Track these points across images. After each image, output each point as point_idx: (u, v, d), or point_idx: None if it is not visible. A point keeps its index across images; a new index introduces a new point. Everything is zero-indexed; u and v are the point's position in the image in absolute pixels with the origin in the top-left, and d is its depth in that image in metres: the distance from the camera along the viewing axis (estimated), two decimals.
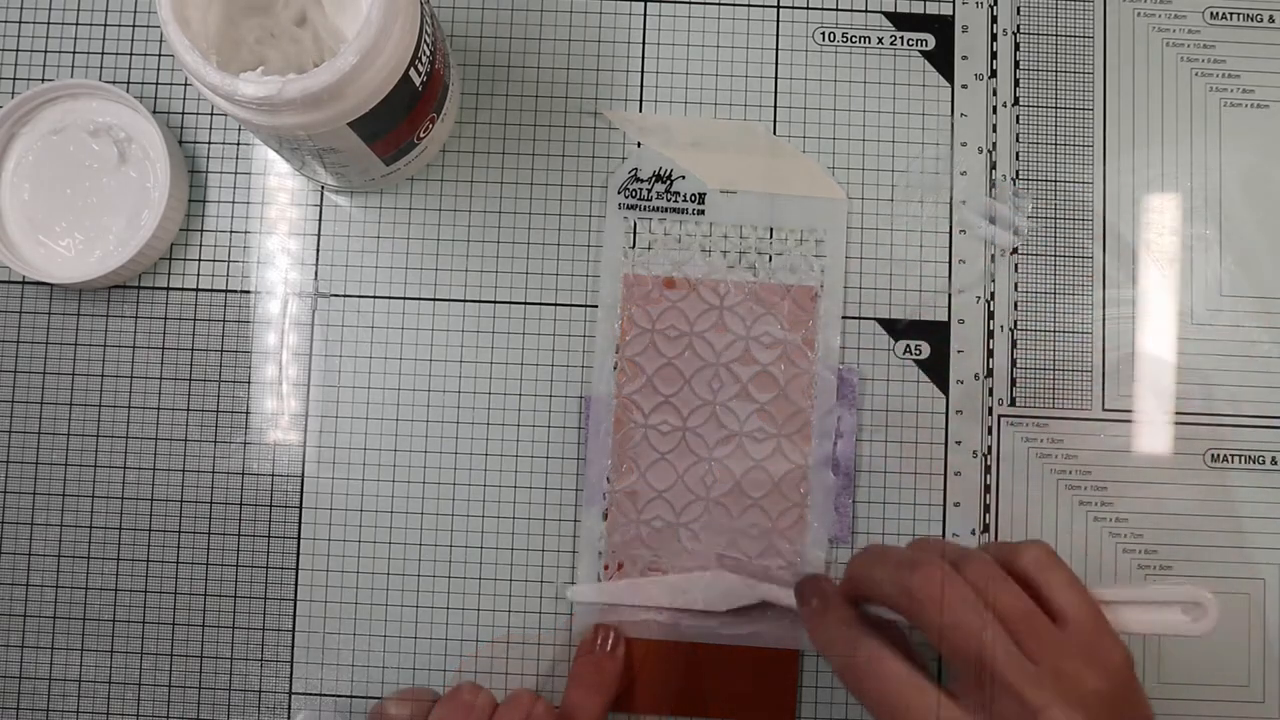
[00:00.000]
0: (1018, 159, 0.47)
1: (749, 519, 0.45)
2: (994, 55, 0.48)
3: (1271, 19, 0.48)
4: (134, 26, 0.47)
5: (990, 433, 0.46)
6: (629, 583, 0.44)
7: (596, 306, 0.46)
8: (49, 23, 0.47)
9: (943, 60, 0.47)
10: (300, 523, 0.46)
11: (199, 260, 0.47)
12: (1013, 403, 0.46)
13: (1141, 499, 0.46)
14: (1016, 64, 0.48)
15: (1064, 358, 0.46)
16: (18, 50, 0.47)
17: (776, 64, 0.47)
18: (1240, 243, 0.47)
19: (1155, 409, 0.46)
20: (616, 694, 0.43)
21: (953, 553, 0.36)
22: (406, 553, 0.45)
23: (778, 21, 0.48)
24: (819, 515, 0.45)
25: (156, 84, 0.47)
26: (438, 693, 0.40)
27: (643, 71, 0.47)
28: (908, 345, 0.46)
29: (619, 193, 0.46)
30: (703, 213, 0.46)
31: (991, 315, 0.46)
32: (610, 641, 0.43)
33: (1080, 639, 0.34)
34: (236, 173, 0.47)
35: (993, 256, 0.47)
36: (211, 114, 0.47)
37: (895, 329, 0.46)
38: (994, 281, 0.47)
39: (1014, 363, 0.46)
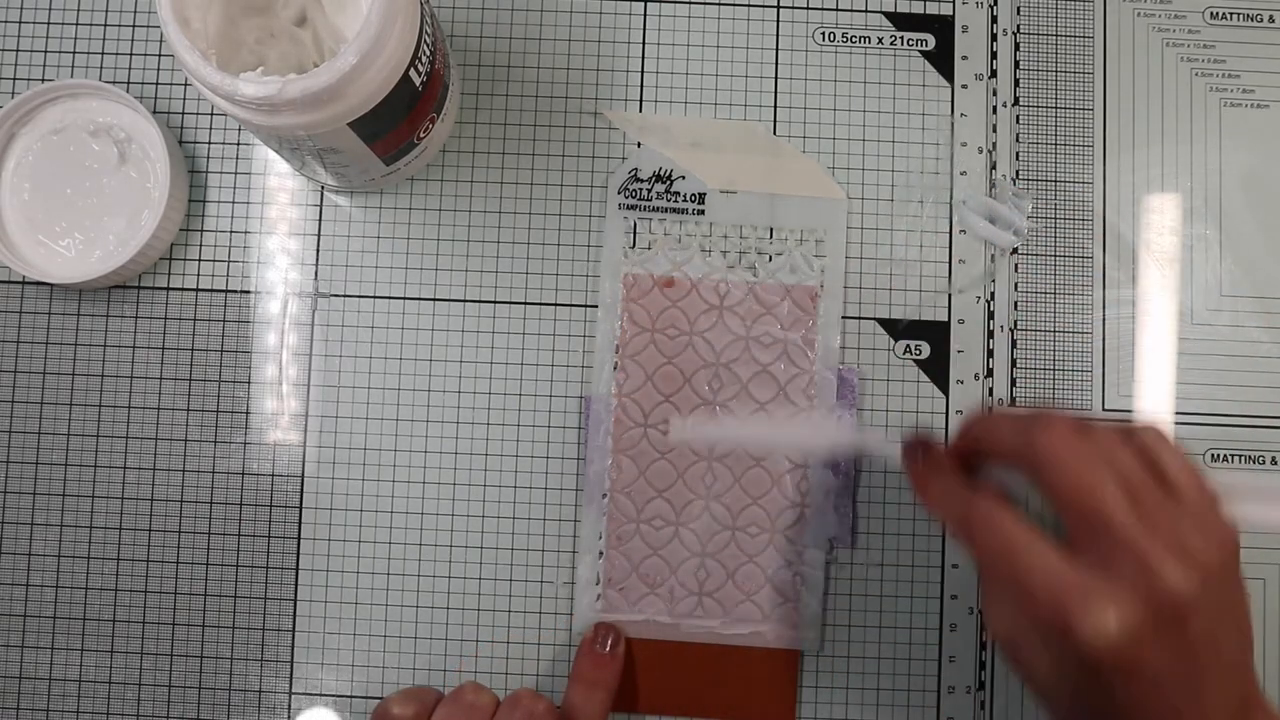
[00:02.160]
0: (1018, 159, 0.47)
1: (749, 519, 0.45)
2: (994, 55, 0.48)
3: (1271, 19, 0.48)
4: (134, 26, 0.47)
5: None
6: (726, 420, 0.45)
7: (596, 306, 0.46)
8: (49, 23, 0.47)
9: (943, 60, 0.47)
10: (300, 523, 0.46)
11: (199, 260, 0.47)
12: (1013, 403, 0.46)
13: None
14: (1016, 64, 0.48)
15: (1064, 358, 0.46)
16: (18, 50, 0.47)
17: (776, 64, 0.47)
18: (1240, 243, 0.47)
19: (1155, 409, 0.46)
20: (617, 692, 0.43)
21: (1075, 422, 0.36)
22: (406, 553, 0.45)
23: (778, 21, 0.48)
24: (819, 515, 0.45)
25: (156, 84, 0.47)
26: (441, 692, 0.40)
27: (643, 71, 0.47)
28: (908, 345, 0.46)
29: (619, 193, 0.46)
30: (703, 213, 0.46)
31: (991, 315, 0.46)
32: (610, 640, 0.43)
33: (1195, 511, 0.34)
34: (236, 173, 0.47)
35: (993, 256, 0.47)
36: (211, 114, 0.47)
37: (895, 329, 0.46)
38: (994, 281, 0.47)
39: (1014, 363, 0.46)
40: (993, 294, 0.46)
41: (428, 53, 0.39)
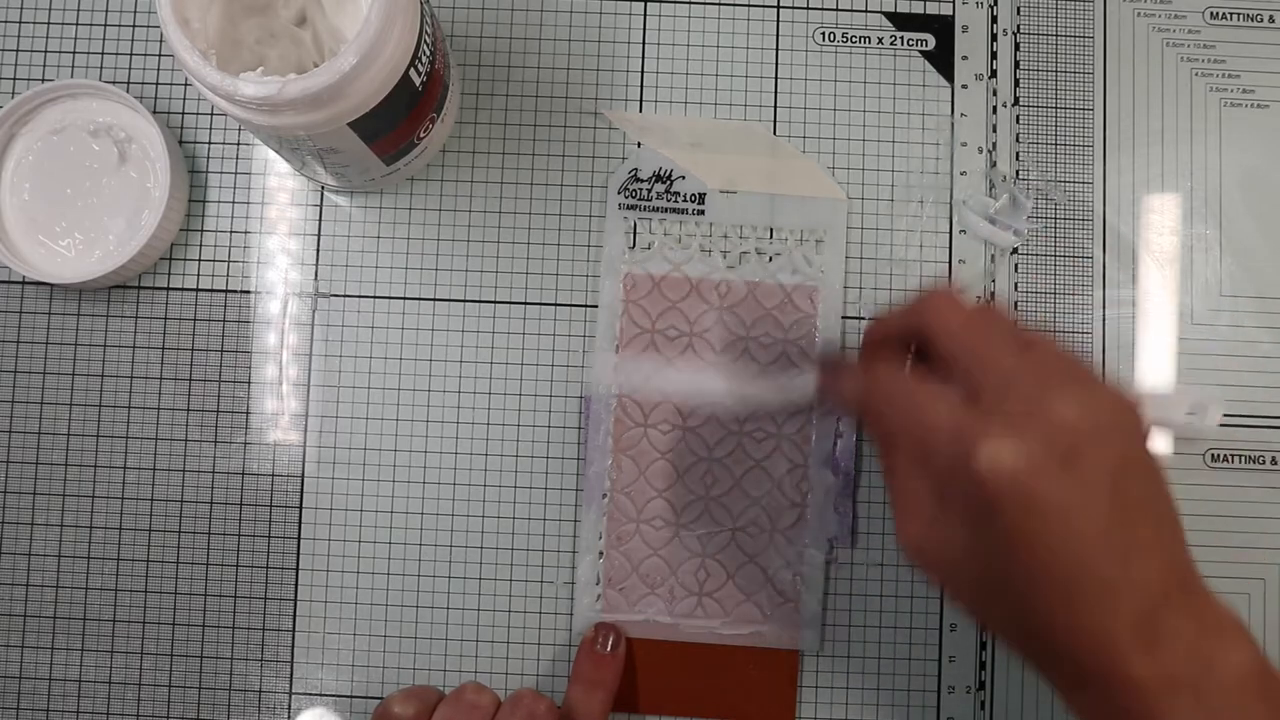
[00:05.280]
0: (1018, 159, 0.47)
1: (749, 519, 0.45)
2: (994, 55, 0.48)
3: (1271, 19, 0.48)
4: (134, 26, 0.47)
5: None
6: (640, 361, 0.45)
7: (596, 306, 0.46)
8: (49, 23, 0.47)
9: (943, 60, 0.47)
10: (300, 523, 0.46)
11: (199, 260, 0.47)
12: None
13: None
14: (1016, 64, 0.48)
15: None
16: (18, 50, 0.47)
17: (776, 64, 0.47)
18: (1240, 243, 0.47)
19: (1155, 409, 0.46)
20: (617, 692, 0.43)
21: (959, 293, 0.36)
22: (406, 553, 0.45)
23: (778, 21, 0.48)
24: (819, 515, 0.45)
25: (156, 84, 0.47)
26: (442, 692, 0.40)
27: (643, 71, 0.47)
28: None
29: (619, 193, 0.46)
30: (703, 213, 0.46)
31: None
32: (611, 640, 0.43)
33: (1084, 369, 0.34)
34: (236, 173, 0.47)
35: (993, 256, 0.47)
36: (211, 114, 0.47)
37: None
38: (994, 281, 0.47)
39: None
40: (993, 294, 0.46)
41: (428, 53, 0.39)
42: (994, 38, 0.48)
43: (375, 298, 0.46)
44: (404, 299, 0.46)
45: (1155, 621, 0.31)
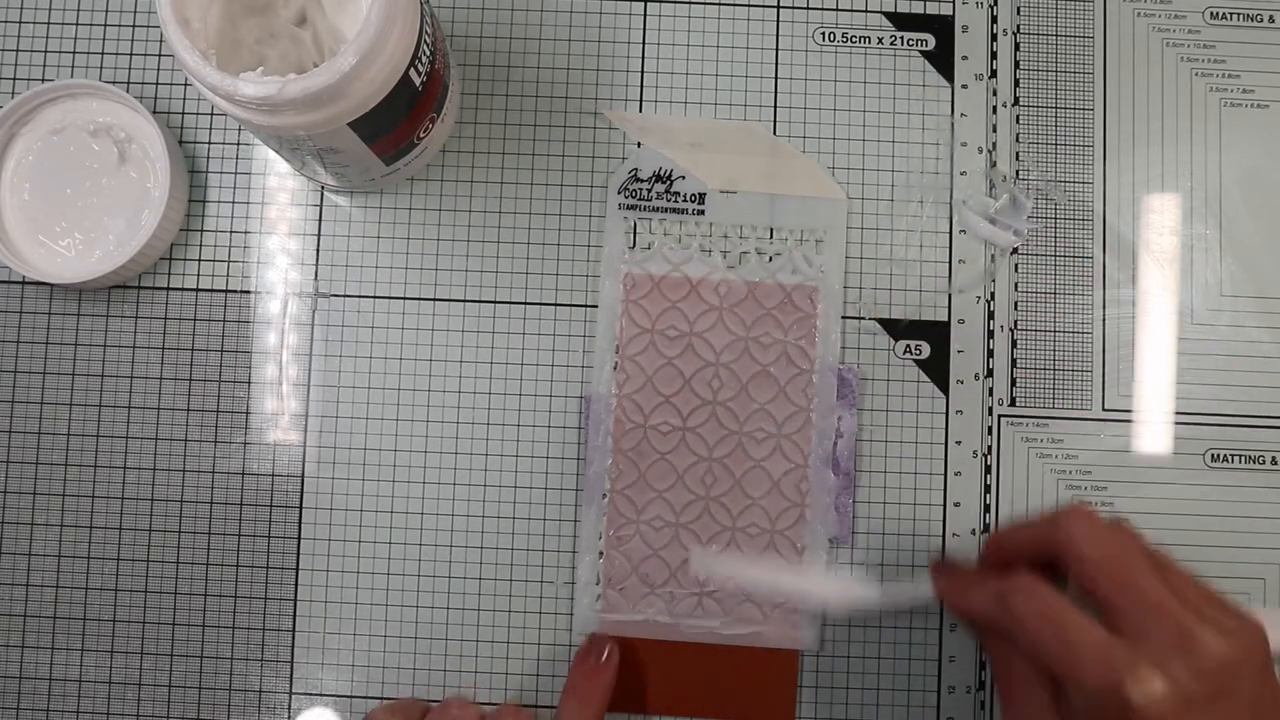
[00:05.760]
0: (1018, 159, 0.47)
1: (749, 519, 0.45)
2: (994, 55, 0.48)
3: (1271, 19, 0.48)
4: (134, 26, 0.47)
5: (990, 433, 0.46)
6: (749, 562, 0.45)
7: (596, 306, 0.46)
8: (49, 23, 0.47)
9: (943, 60, 0.47)
10: (300, 523, 0.46)
11: (199, 260, 0.47)
12: (1013, 403, 0.46)
13: (1141, 499, 0.46)
14: (1016, 64, 0.48)
15: (1064, 358, 0.46)
16: (18, 50, 0.47)
17: (776, 64, 0.47)
18: (1240, 243, 0.47)
19: (1155, 409, 0.46)
20: (613, 698, 0.43)
21: (1096, 511, 0.37)
22: (406, 553, 0.45)
23: (778, 21, 0.48)
24: (819, 515, 0.45)
25: (156, 84, 0.47)
26: (428, 705, 0.41)
27: (643, 71, 0.47)
28: (908, 345, 0.46)
29: (619, 193, 0.46)
30: (703, 213, 0.46)
31: (991, 315, 0.46)
32: (605, 653, 0.44)
33: (1217, 594, 0.35)
34: (236, 173, 0.47)
35: (993, 256, 0.47)
36: (211, 114, 0.47)
37: (895, 329, 0.46)
38: (994, 281, 0.47)
39: (1014, 363, 0.46)
40: (993, 294, 0.46)
41: (428, 53, 0.39)
42: (994, 38, 0.48)
43: (375, 298, 0.46)
44: (404, 299, 0.46)
45: None
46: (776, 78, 0.47)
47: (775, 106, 0.47)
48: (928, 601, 0.43)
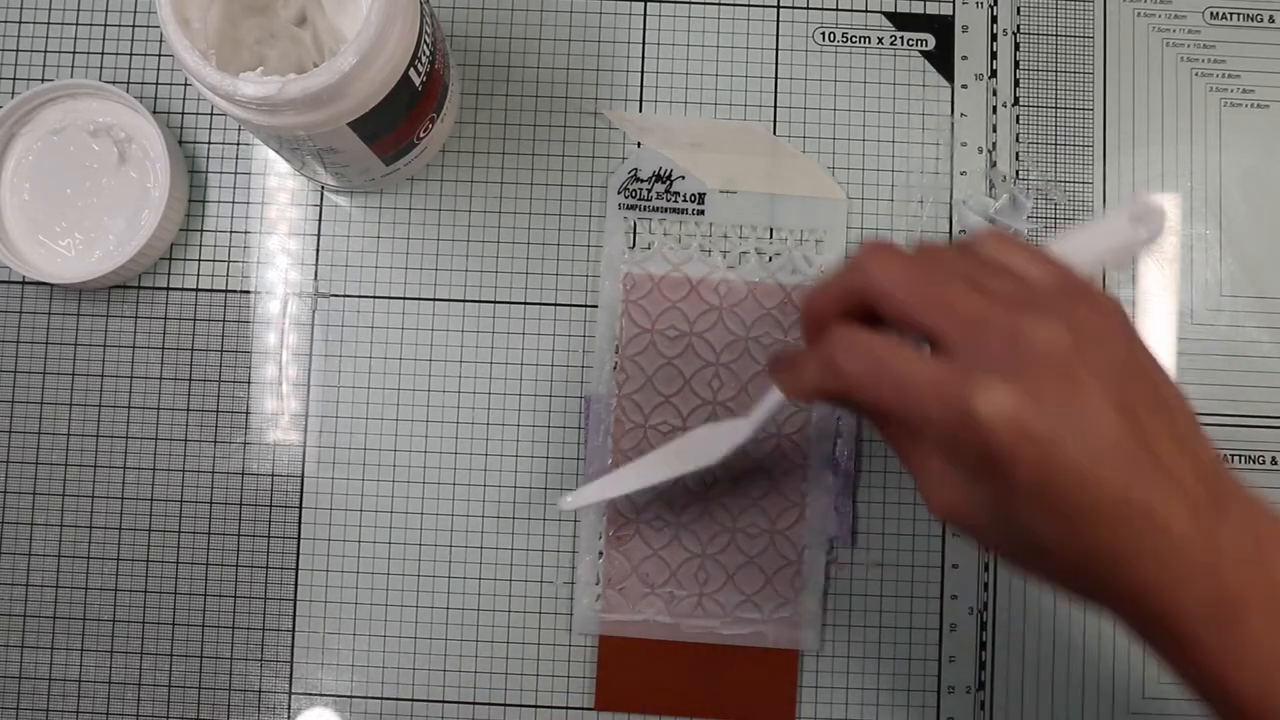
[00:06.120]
0: (1018, 159, 0.47)
1: (749, 519, 0.45)
2: (994, 55, 0.48)
3: (1271, 19, 0.48)
4: (134, 26, 0.47)
5: None
6: (615, 474, 0.42)
7: (596, 306, 0.46)
8: (49, 23, 0.47)
9: (943, 60, 0.47)
10: (300, 523, 0.46)
11: (199, 260, 0.47)
12: None
13: None
14: (1016, 64, 0.48)
15: None
16: (18, 50, 0.47)
17: (776, 64, 0.47)
18: (1240, 243, 0.47)
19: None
20: (616, 693, 0.43)
21: (900, 246, 0.34)
22: (406, 553, 0.45)
23: (778, 21, 0.48)
24: (819, 515, 0.45)
25: (156, 84, 0.47)
26: None
27: (643, 71, 0.47)
28: None
29: (619, 193, 0.46)
30: (703, 213, 0.46)
31: None
32: None
33: (1052, 285, 0.32)
34: (236, 173, 0.47)
35: None
36: (211, 114, 0.47)
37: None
38: None
39: None
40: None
41: (428, 53, 0.39)
42: (994, 38, 0.48)
43: (375, 298, 0.46)
44: (404, 299, 0.46)
45: (1211, 540, 0.29)
46: (776, 78, 0.47)
47: (775, 106, 0.47)
48: (784, 404, 0.38)
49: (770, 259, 0.46)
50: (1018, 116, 0.47)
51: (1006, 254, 0.33)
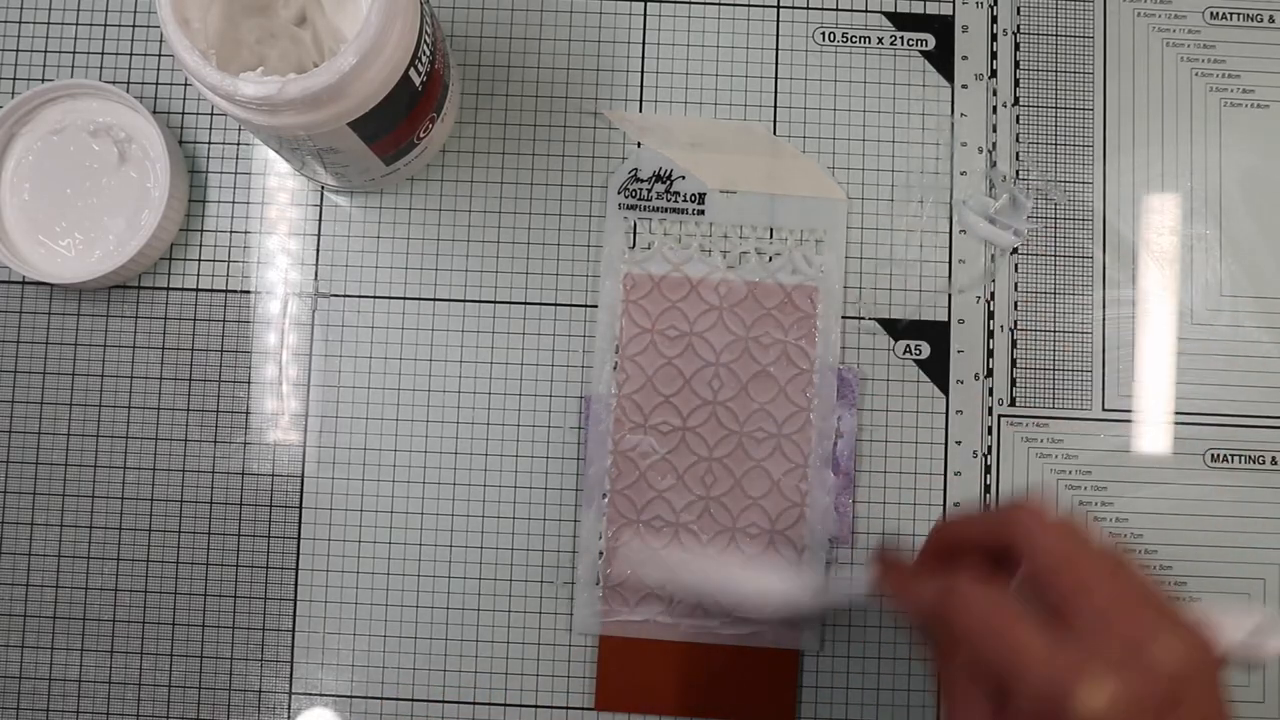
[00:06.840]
0: (1018, 159, 0.47)
1: (749, 519, 0.45)
2: (994, 55, 0.48)
3: (1271, 19, 0.48)
4: (134, 26, 0.47)
5: (990, 433, 0.46)
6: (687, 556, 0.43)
7: (596, 306, 0.46)
8: (49, 23, 0.47)
9: (943, 60, 0.47)
10: (300, 523, 0.46)
11: (199, 260, 0.47)
12: (1013, 403, 0.46)
13: (1141, 499, 0.46)
14: (1016, 64, 0.48)
15: (1064, 358, 0.46)
16: (18, 50, 0.47)
17: (776, 64, 0.47)
18: (1240, 243, 0.47)
19: (1155, 409, 0.46)
20: (617, 693, 0.43)
21: (1047, 505, 0.35)
22: (406, 553, 0.45)
23: (778, 21, 0.48)
24: (819, 515, 0.45)
25: (156, 84, 0.47)
26: None
27: (643, 71, 0.47)
28: (908, 345, 0.46)
29: (619, 193, 0.46)
30: (703, 213, 0.46)
31: (991, 315, 0.46)
32: None
33: (1169, 602, 0.33)
34: (236, 173, 0.47)
35: (993, 256, 0.47)
36: (211, 114, 0.47)
37: (895, 329, 0.46)
38: (994, 281, 0.47)
39: (1014, 363, 0.46)
40: (993, 294, 0.46)
41: (428, 53, 0.39)
42: (994, 38, 0.48)
43: (375, 298, 0.46)
44: (404, 299, 0.46)
45: None
46: (776, 78, 0.47)
47: (775, 106, 0.47)
48: (864, 596, 0.40)
49: (770, 259, 0.46)
50: (1018, 116, 0.47)
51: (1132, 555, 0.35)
